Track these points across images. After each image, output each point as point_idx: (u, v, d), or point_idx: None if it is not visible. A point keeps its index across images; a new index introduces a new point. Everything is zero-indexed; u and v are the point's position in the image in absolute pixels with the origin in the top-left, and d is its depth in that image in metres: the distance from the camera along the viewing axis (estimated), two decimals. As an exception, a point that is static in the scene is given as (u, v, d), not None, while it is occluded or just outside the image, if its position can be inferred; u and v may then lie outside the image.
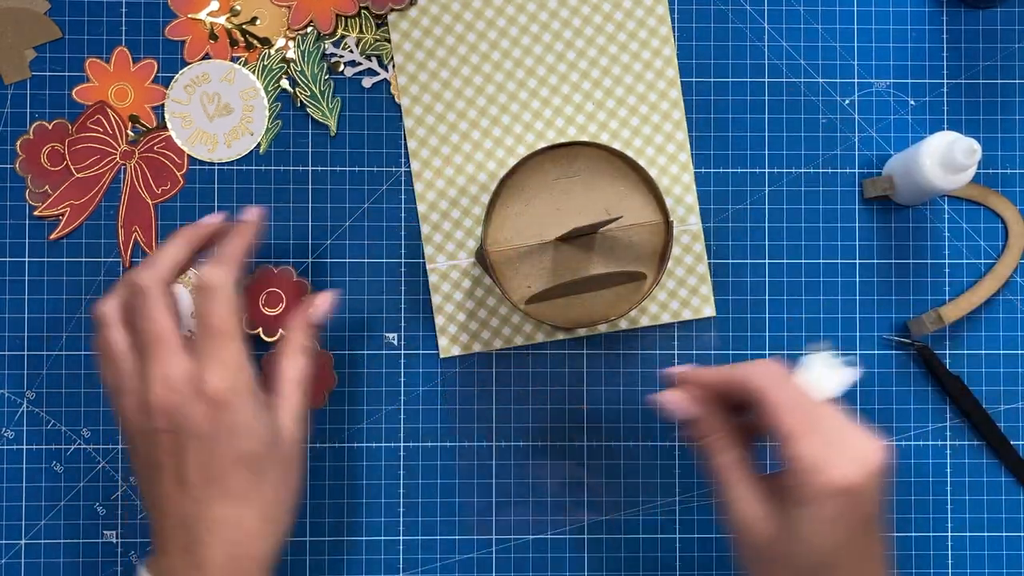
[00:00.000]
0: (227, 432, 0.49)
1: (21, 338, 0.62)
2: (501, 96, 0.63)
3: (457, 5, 0.63)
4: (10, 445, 0.62)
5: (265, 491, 0.50)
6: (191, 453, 0.48)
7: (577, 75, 0.63)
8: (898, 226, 0.64)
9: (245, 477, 0.49)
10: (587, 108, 0.64)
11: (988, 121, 0.64)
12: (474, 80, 0.63)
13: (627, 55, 0.63)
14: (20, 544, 0.62)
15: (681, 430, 0.63)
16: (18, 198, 0.63)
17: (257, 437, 0.49)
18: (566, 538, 0.63)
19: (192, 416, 0.48)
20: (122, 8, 0.63)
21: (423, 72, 0.63)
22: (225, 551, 0.48)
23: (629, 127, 0.64)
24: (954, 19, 0.65)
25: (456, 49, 0.63)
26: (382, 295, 0.63)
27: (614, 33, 0.63)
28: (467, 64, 0.63)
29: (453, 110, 0.63)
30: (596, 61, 0.63)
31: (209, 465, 0.49)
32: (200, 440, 0.48)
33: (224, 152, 0.63)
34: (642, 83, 0.64)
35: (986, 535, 0.64)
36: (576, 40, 0.63)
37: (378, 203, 0.64)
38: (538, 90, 0.63)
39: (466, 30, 0.63)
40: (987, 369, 0.64)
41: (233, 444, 0.49)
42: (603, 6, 0.63)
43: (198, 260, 0.54)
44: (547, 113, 0.63)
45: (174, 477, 0.49)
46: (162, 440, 0.49)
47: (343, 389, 0.63)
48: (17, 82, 0.63)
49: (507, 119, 0.63)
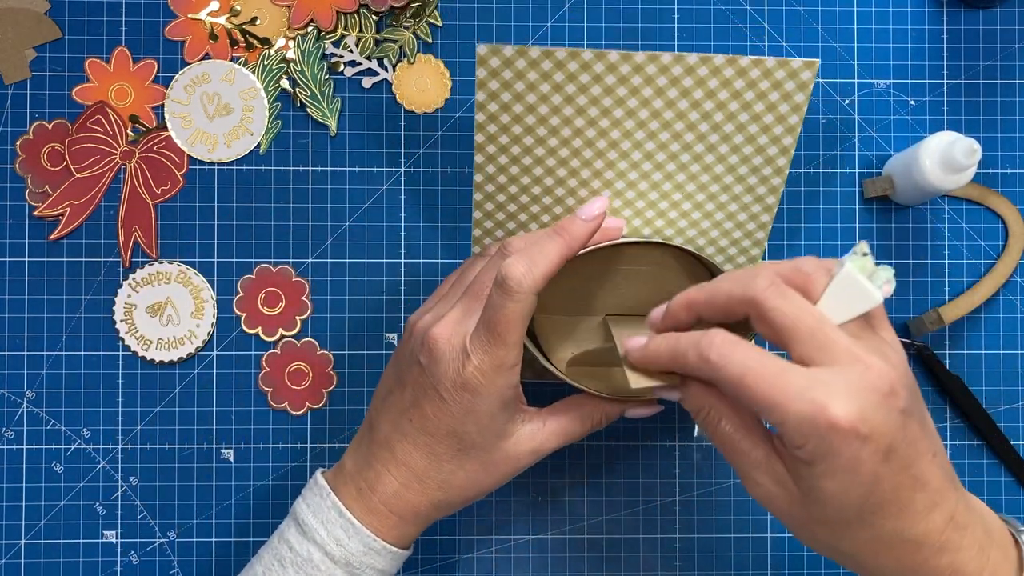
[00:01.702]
0: (463, 408, 0.50)
1: (21, 338, 0.62)
2: (587, 151, 0.56)
3: (563, 53, 0.53)
4: (10, 445, 0.62)
5: (456, 470, 0.52)
6: (426, 399, 0.51)
7: (678, 146, 0.56)
8: (898, 226, 0.64)
9: (448, 448, 0.51)
10: (674, 197, 0.57)
11: (988, 121, 0.64)
12: (562, 132, 0.56)
13: (741, 136, 0.56)
14: (20, 544, 0.62)
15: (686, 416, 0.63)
16: (18, 198, 0.63)
17: (482, 430, 0.51)
18: (566, 538, 0.63)
19: (445, 374, 0.50)
20: (122, 8, 0.63)
21: (505, 114, 0.55)
22: (396, 485, 0.52)
23: (708, 233, 0.58)
24: (954, 19, 0.65)
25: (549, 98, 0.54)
26: (382, 295, 0.63)
27: (736, 112, 0.55)
28: (557, 115, 0.55)
29: (530, 155, 0.56)
30: (704, 136, 0.56)
31: (432, 419, 0.51)
32: (439, 396, 0.50)
33: (224, 152, 0.63)
34: (746, 165, 0.57)
35: (986, 535, 0.64)
36: (691, 112, 0.55)
37: (378, 203, 0.64)
38: (630, 160, 0.57)
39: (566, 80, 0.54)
40: (987, 369, 0.64)
41: (459, 420, 0.51)
42: (736, 83, 0.54)
43: None
44: (630, 195, 0.58)
45: (403, 405, 0.52)
46: (415, 370, 0.51)
47: (343, 389, 0.63)
48: (17, 82, 0.63)
49: (584, 192, 0.57)
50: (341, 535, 0.52)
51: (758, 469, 0.46)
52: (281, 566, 0.52)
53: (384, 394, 0.54)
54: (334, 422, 0.63)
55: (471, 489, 0.53)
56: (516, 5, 0.64)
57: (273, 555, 0.53)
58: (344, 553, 0.51)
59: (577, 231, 0.51)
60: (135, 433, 0.62)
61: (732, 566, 0.63)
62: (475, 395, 0.50)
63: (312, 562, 0.51)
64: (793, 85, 0.54)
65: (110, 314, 0.63)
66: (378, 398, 0.54)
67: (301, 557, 0.52)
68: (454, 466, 0.52)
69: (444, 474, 0.52)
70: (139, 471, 0.62)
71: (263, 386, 0.63)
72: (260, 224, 0.63)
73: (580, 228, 0.51)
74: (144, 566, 0.62)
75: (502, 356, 0.49)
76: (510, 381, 0.50)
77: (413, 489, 0.52)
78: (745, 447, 0.46)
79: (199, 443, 0.63)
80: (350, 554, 0.51)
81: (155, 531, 0.62)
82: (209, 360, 0.63)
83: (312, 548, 0.52)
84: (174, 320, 0.63)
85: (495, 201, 0.58)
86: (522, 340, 0.50)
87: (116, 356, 0.63)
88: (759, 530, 0.63)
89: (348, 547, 0.51)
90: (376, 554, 0.52)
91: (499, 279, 0.49)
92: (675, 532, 0.63)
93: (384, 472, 0.52)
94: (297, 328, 0.63)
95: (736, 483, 0.63)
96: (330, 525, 0.52)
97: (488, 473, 0.53)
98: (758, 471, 0.46)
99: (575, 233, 0.51)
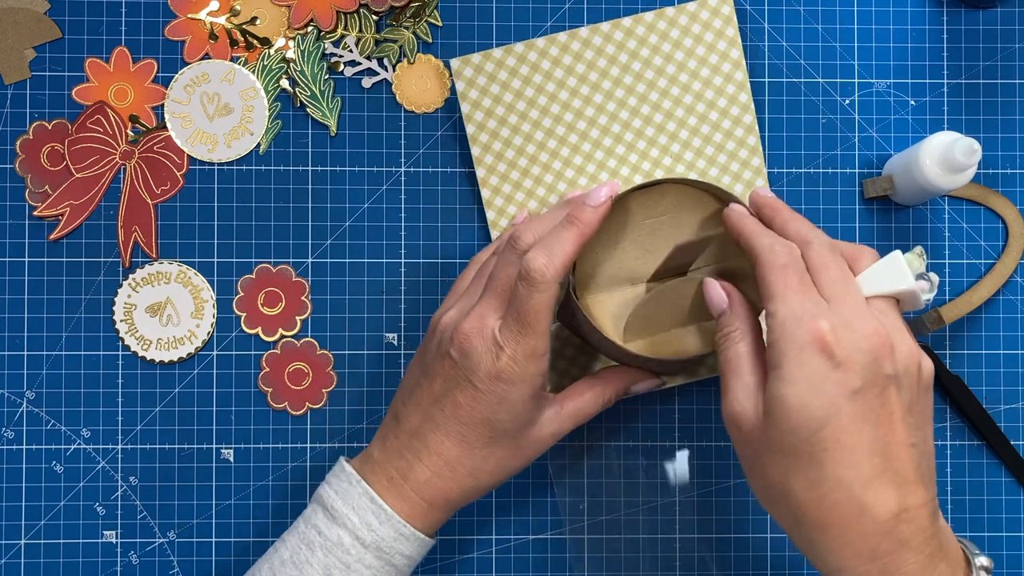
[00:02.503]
0: (495, 398, 0.52)
1: (21, 338, 0.62)
2: (572, 136, 0.61)
3: (520, 47, 0.59)
4: (10, 445, 0.62)
5: (487, 457, 0.54)
6: (459, 389, 0.52)
7: (648, 108, 0.61)
8: (898, 226, 0.64)
9: (480, 436, 0.53)
10: (660, 141, 0.61)
11: (988, 121, 0.64)
12: (543, 123, 0.60)
13: (698, 82, 0.61)
14: (20, 544, 0.62)
15: None
16: (18, 198, 0.63)
17: (515, 418, 0.53)
18: (566, 538, 0.63)
19: (479, 365, 0.52)
20: (122, 8, 0.63)
21: (491, 119, 0.60)
22: (428, 474, 0.53)
23: (704, 157, 0.61)
24: (954, 19, 0.65)
25: (523, 92, 0.60)
26: (382, 295, 0.63)
27: (684, 61, 0.60)
28: (535, 107, 0.60)
29: (524, 155, 0.61)
30: (667, 91, 0.60)
31: (466, 407, 0.52)
32: (472, 387, 0.52)
33: (224, 152, 0.63)
34: (715, 110, 0.61)
35: (986, 535, 0.64)
36: (645, 71, 0.60)
37: (378, 203, 0.64)
38: (609, 126, 0.61)
39: (531, 71, 0.60)
40: (987, 369, 0.64)
41: (493, 408, 0.52)
42: (671, 32, 0.60)
43: None
44: (619, 150, 0.61)
45: (433, 396, 0.53)
46: (445, 363, 0.53)
47: (343, 389, 0.63)
48: (17, 82, 0.63)
49: (579, 159, 0.61)
50: (373, 520, 0.53)
51: (744, 390, 0.49)
52: (309, 549, 0.53)
53: (411, 387, 0.55)
54: (334, 422, 0.63)
55: (499, 474, 0.55)
56: (516, 5, 0.64)
57: (300, 539, 0.54)
58: (375, 538, 0.53)
59: (588, 217, 0.53)
60: (135, 433, 0.62)
61: (732, 566, 0.63)
62: (509, 384, 0.51)
63: (343, 546, 0.52)
64: (720, 22, 0.60)
65: (110, 314, 0.63)
66: (404, 391, 0.56)
67: (331, 541, 0.53)
68: (485, 453, 0.53)
69: (476, 460, 0.53)
70: (139, 471, 0.62)
71: (263, 386, 0.63)
72: (260, 224, 0.63)
73: (591, 215, 0.53)
74: (144, 566, 0.62)
75: (533, 345, 0.51)
76: (541, 368, 0.52)
77: (444, 477, 0.53)
78: (745, 369, 0.49)
79: (199, 443, 0.63)
80: (380, 539, 0.53)
81: (155, 531, 0.62)
82: (209, 360, 0.63)
83: (343, 533, 0.53)
84: (174, 320, 0.63)
85: (503, 193, 0.61)
86: (550, 328, 0.52)
87: (116, 356, 0.63)
88: (759, 530, 0.63)
89: (379, 532, 0.53)
90: (406, 540, 0.53)
91: (523, 272, 0.51)
92: (675, 532, 0.63)
93: (416, 461, 0.53)
94: (297, 328, 0.63)
95: (736, 483, 0.63)
96: (361, 511, 0.53)
97: (515, 457, 0.55)
98: (743, 391, 0.49)
99: (586, 219, 0.53)
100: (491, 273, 0.54)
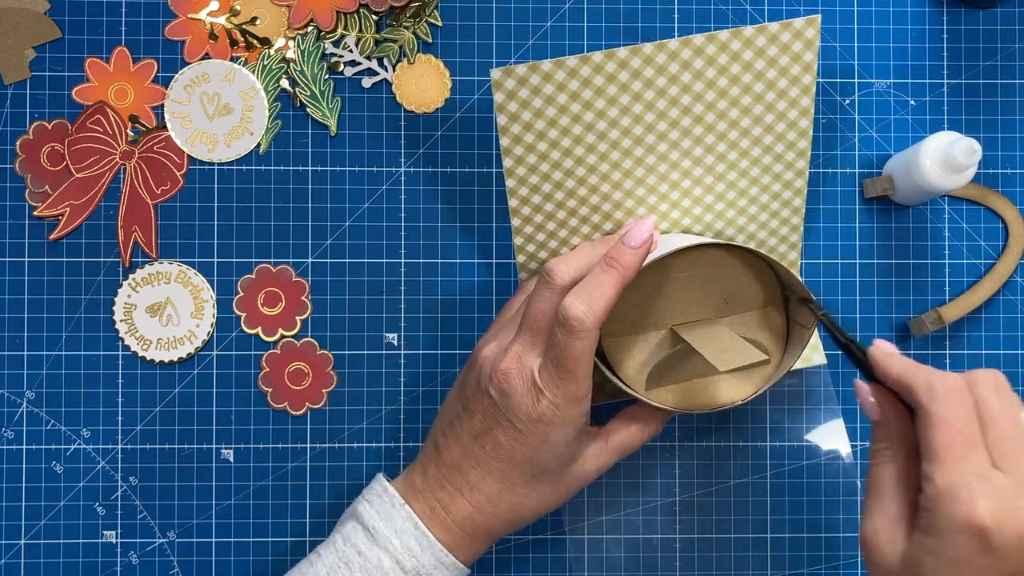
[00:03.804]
0: (539, 439, 0.52)
1: (21, 338, 0.62)
2: (614, 153, 0.56)
3: (574, 60, 0.53)
4: (10, 445, 0.62)
5: (529, 493, 0.54)
6: (499, 429, 0.52)
7: (701, 128, 0.56)
8: (898, 226, 0.64)
9: (523, 474, 0.53)
10: (707, 161, 0.57)
11: (988, 121, 0.64)
12: (586, 138, 0.56)
13: (761, 106, 0.56)
14: (20, 544, 0.62)
15: None
16: (18, 198, 0.63)
17: (557, 456, 0.53)
18: (566, 538, 0.63)
19: (519, 407, 0.51)
20: (122, 8, 0.63)
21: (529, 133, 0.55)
22: (470, 509, 0.53)
23: (748, 177, 0.58)
24: (954, 19, 0.65)
25: (568, 107, 0.55)
26: (382, 295, 0.63)
27: (751, 83, 0.55)
28: (579, 122, 0.55)
29: (560, 169, 0.56)
30: (725, 113, 0.56)
31: (507, 447, 0.52)
32: (513, 428, 0.52)
33: (224, 152, 0.63)
34: (771, 134, 0.57)
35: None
36: (707, 92, 0.55)
37: (378, 203, 0.64)
38: (656, 145, 0.57)
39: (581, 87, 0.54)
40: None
41: (535, 449, 0.52)
42: (744, 53, 0.54)
43: None
44: (662, 168, 0.57)
45: (473, 432, 0.53)
46: (485, 401, 0.53)
47: (343, 389, 0.63)
48: (17, 82, 0.63)
49: (618, 175, 0.57)
50: (415, 547, 0.53)
51: (884, 519, 0.46)
52: (348, 569, 0.53)
53: (451, 419, 0.55)
54: (334, 422, 0.63)
55: (542, 508, 0.55)
56: (516, 5, 0.64)
57: (339, 557, 0.53)
58: (415, 564, 0.52)
59: (628, 261, 0.51)
60: (135, 433, 0.62)
61: (732, 566, 0.63)
62: (550, 426, 0.51)
63: (382, 569, 0.52)
64: (800, 45, 0.55)
65: (110, 314, 0.63)
66: (443, 421, 0.56)
67: (371, 563, 0.52)
68: (527, 490, 0.53)
69: (518, 497, 0.53)
70: (139, 471, 0.62)
71: (263, 386, 0.63)
72: (260, 224, 0.63)
73: (631, 257, 0.51)
74: (144, 566, 0.62)
75: (573, 390, 0.51)
76: (582, 410, 0.52)
77: (486, 512, 0.53)
78: (887, 495, 0.46)
79: (199, 443, 0.63)
80: (421, 566, 0.52)
81: (155, 531, 0.62)
82: (209, 360, 0.63)
83: (383, 555, 0.52)
84: (174, 320, 0.63)
85: (534, 223, 0.58)
86: (591, 372, 0.51)
87: (116, 356, 0.63)
88: (759, 530, 0.63)
89: (420, 559, 0.52)
90: (445, 568, 0.53)
91: (561, 319, 0.50)
92: (675, 532, 0.63)
93: (458, 495, 0.53)
94: (297, 328, 0.63)
95: (736, 483, 0.63)
96: (404, 536, 0.53)
97: (558, 493, 0.54)
98: (882, 520, 0.46)
99: (627, 263, 0.51)
100: (526, 308, 0.53)
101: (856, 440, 0.64)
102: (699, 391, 0.56)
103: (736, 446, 0.64)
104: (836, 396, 0.63)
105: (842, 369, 0.64)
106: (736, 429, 0.64)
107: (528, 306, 0.53)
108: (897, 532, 0.45)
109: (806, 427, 0.63)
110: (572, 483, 0.55)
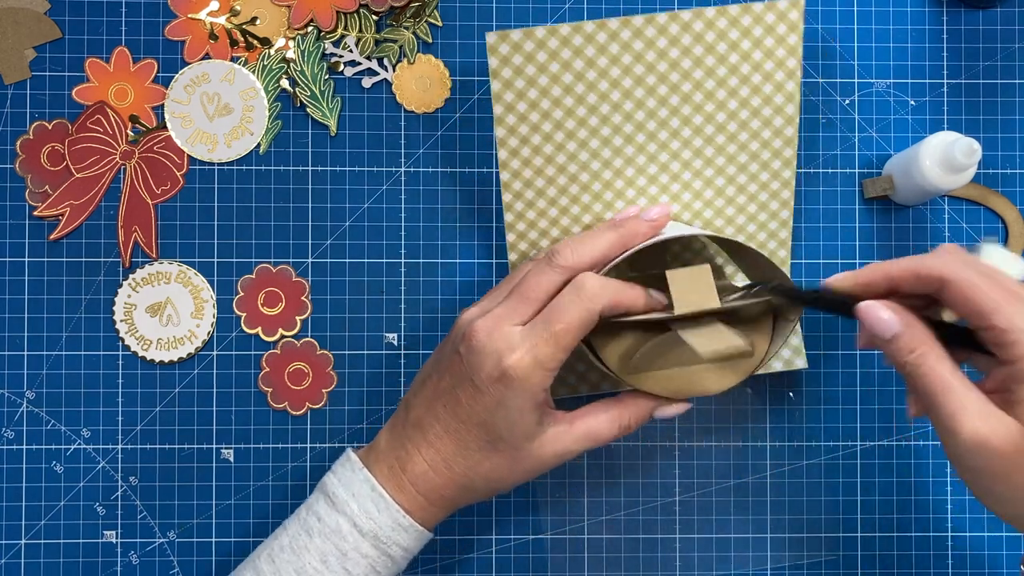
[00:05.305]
0: (495, 400, 0.51)
1: (21, 338, 0.62)
2: (604, 128, 0.57)
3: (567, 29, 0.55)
4: (10, 445, 0.62)
5: (482, 460, 0.53)
6: (461, 387, 0.52)
7: (689, 108, 0.57)
8: (898, 226, 0.64)
9: (477, 438, 0.53)
10: (695, 143, 0.58)
11: (988, 121, 0.64)
12: (576, 111, 0.57)
13: (747, 88, 0.57)
14: (20, 544, 0.62)
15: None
16: (18, 198, 0.63)
17: (513, 427, 0.52)
18: (566, 538, 0.63)
19: (483, 365, 0.51)
20: (122, 8, 0.63)
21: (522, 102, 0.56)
22: (424, 467, 0.53)
23: (736, 164, 0.59)
24: (954, 19, 0.65)
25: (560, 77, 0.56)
26: (382, 295, 0.63)
27: (738, 64, 0.57)
28: (570, 94, 0.56)
29: (551, 142, 0.57)
30: (712, 94, 0.57)
31: (464, 406, 0.52)
32: (473, 387, 0.52)
33: (224, 152, 0.63)
34: (758, 119, 0.58)
35: (986, 535, 0.64)
36: (695, 70, 0.56)
37: (378, 203, 0.64)
38: (645, 122, 0.57)
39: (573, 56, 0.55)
40: (987, 369, 0.64)
41: (490, 411, 0.52)
42: (731, 32, 0.56)
43: None
44: (651, 147, 0.58)
45: (438, 391, 0.53)
46: (455, 358, 0.53)
47: (343, 389, 0.63)
48: (17, 82, 0.63)
49: (608, 152, 0.58)
50: (372, 508, 0.53)
51: (979, 405, 0.44)
52: (308, 536, 0.53)
53: (422, 379, 0.55)
54: (334, 422, 0.63)
55: (495, 481, 0.54)
56: (516, 5, 0.64)
57: (300, 525, 0.54)
58: (373, 527, 0.53)
59: (633, 227, 0.54)
60: (135, 433, 0.62)
61: (732, 566, 0.63)
62: (508, 388, 0.51)
63: (340, 533, 0.53)
64: (785, 27, 0.56)
65: (110, 314, 0.63)
66: (416, 382, 0.56)
67: (329, 528, 0.53)
68: (480, 456, 0.53)
69: (471, 461, 0.53)
70: (139, 471, 0.62)
71: (263, 386, 0.63)
72: (260, 224, 0.63)
73: (636, 225, 0.55)
74: (144, 566, 0.62)
75: (548, 354, 0.50)
76: (543, 382, 0.51)
77: (440, 472, 0.53)
78: (964, 384, 0.45)
79: (199, 443, 0.63)
80: (378, 528, 0.53)
81: (155, 531, 0.62)
82: (209, 360, 0.63)
83: (341, 520, 0.53)
84: (174, 320, 0.63)
85: (525, 199, 0.59)
86: (572, 348, 0.51)
87: (116, 356, 0.63)
88: (759, 530, 0.63)
89: (377, 521, 0.53)
90: (403, 530, 0.53)
91: (577, 284, 0.51)
92: (675, 532, 0.63)
93: (415, 452, 0.54)
94: (297, 328, 0.63)
95: (736, 483, 0.63)
96: (361, 499, 0.53)
97: (512, 469, 0.54)
98: (978, 408, 0.44)
99: (631, 228, 0.54)
100: (521, 279, 0.53)
101: (856, 440, 0.64)
102: (682, 379, 0.55)
103: (736, 446, 0.64)
104: (835, 395, 0.63)
105: (823, 370, 0.64)
106: (736, 429, 0.64)
107: (525, 277, 0.53)
108: (989, 407, 0.44)
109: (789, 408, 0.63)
110: (528, 462, 0.53)
